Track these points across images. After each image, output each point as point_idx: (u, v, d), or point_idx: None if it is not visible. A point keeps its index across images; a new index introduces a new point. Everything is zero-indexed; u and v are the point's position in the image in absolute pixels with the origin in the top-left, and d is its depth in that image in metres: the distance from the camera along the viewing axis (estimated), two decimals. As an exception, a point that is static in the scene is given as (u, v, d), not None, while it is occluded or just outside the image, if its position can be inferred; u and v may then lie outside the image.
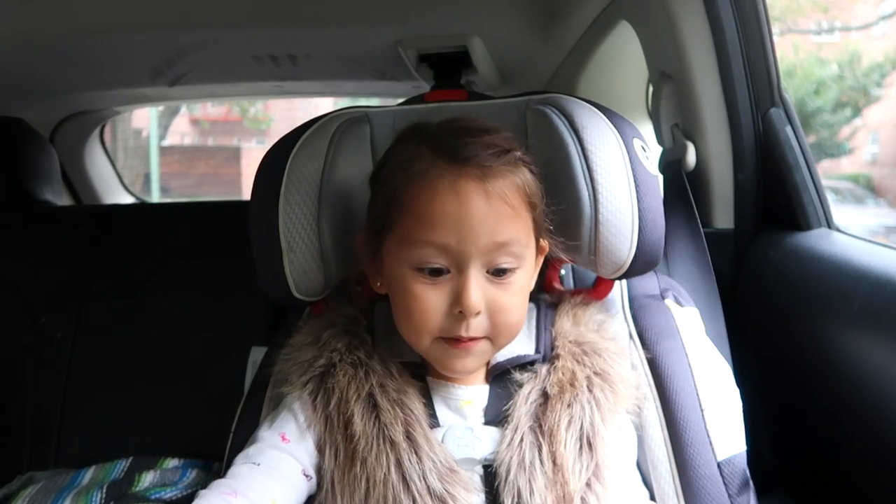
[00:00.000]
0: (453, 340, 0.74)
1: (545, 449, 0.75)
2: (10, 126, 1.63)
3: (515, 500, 0.73)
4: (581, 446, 0.75)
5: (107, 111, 2.09)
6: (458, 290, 0.72)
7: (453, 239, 0.71)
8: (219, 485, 0.73)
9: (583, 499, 0.74)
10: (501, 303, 0.74)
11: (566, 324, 0.83)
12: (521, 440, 0.75)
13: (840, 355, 0.89)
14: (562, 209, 0.80)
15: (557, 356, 0.80)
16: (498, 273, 0.74)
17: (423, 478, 0.73)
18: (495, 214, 0.72)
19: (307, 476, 0.77)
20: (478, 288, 0.72)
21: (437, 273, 0.73)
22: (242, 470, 0.75)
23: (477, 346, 0.75)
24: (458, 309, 0.72)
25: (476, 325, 0.73)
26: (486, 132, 0.76)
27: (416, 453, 0.74)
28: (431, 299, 0.73)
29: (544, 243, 0.81)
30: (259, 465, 0.75)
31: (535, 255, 0.79)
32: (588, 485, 0.74)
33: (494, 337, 0.76)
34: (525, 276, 0.77)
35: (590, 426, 0.76)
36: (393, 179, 0.76)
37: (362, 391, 0.77)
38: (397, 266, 0.75)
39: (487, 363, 0.82)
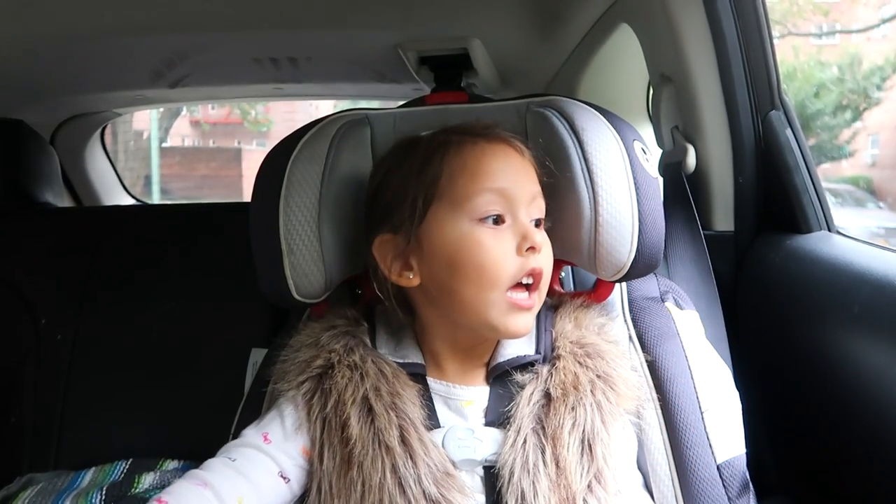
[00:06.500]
0: (520, 298, 0.76)
1: (549, 451, 0.75)
2: (11, 128, 1.63)
3: (519, 501, 0.73)
4: (583, 449, 0.75)
5: (107, 113, 2.09)
6: (520, 232, 0.76)
7: (508, 183, 0.77)
8: (193, 475, 0.74)
9: (585, 500, 0.74)
10: (545, 245, 0.78)
11: (567, 325, 0.83)
12: (525, 441, 0.75)
13: (840, 358, 0.89)
14: (562, 211, 0.80)
15: (558, 357, 0.80)
16: (536, 223, 0.79)
17: (419, 482, 0.73)
18: (528, 169, 0.80)
19: (284, 478, 0.77)
20: None
21: (497, 221, 0.77)
22: (217, 463, 0.76)
23: (535, 305, 0.78)
24: (527, 245, 0.76)
25: (541, 261, 0.77)
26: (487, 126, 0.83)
27: (412, 458, 0.74)
28: (500, 244, 0.76)
29: None
30: (234, 461, 0.76)
31: None
32: (589, 487, 0.74)
33: (541, 287, 0.78)
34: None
35: (591, 429, 0.76)
36: (426, 163, 0.79)
37: (358, 394, 0.77)
38: (455, 226, 0.76)
39: (487, 363, 0.82)
